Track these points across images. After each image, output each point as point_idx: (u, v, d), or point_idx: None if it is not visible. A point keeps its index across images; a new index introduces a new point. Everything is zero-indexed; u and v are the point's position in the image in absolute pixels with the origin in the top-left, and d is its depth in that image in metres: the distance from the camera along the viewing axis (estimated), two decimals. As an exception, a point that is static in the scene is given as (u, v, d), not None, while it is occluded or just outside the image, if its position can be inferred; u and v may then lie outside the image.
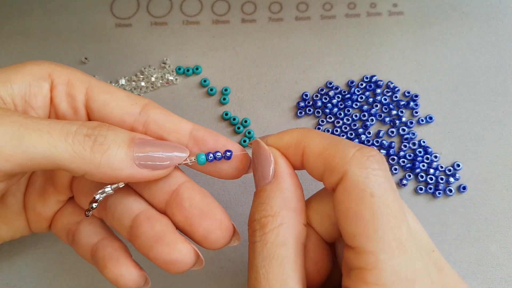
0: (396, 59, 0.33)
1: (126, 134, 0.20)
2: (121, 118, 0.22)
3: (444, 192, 0.30)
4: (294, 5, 0.35)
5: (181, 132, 0.22)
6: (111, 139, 0.20)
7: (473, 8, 0.34)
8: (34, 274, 0.29)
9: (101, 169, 0.19)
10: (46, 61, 0.23)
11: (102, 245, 0.23)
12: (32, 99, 0.22)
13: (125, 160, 0.20)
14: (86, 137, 0.19)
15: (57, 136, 0.19)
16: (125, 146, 0.20)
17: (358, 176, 0.18)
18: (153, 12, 0.36)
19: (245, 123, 0.32)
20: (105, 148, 0.19)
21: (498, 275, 0.28)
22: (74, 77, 0.23)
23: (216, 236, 0.21)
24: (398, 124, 0.31)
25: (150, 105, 0.23)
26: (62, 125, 0.19)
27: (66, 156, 0.19)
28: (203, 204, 0.22)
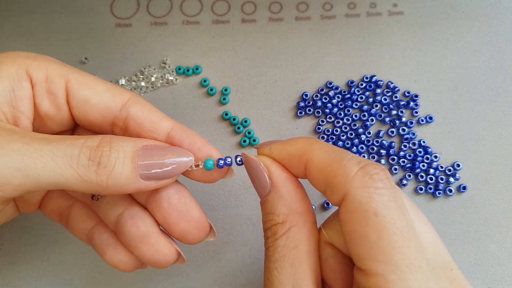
0: (396, 59, 0.33)
1: (129, 147, 0.20)
2: (102, 115, 0.22)
3: (444, 192, 0.30)
4: (294, 5, 0.35)
5: (158, 132, 0.22)
6: (115, 157, 0.19)
7: (473, 8, 0.34)
8: (34, 274, 0.29)
9: (109, 189, 0.19)
10: (19, 54, 0.22)
11: (98, 231, 0.24)
12: (18, 104, 0.21)
13: (131, 177, 0.20)
14: (90, 161, 0.19)
15: (62, 163, 0.18)
16: (129, 162, 0.20)
17: (360, 196, 0.17)
18: (153, 12, 0.36)
19: (245, 123, 0.32)
20: (110, 170, 0.19)
21: (498, 275, 0.28)
22: (52, 71, 0.22)
23: (193, 235, 0.22)
24: (398, 124, 0.31)
25: (131, 101, 0.22)
26: (64, 148, 0.19)
27: (73, 181, 0.19)
28: (180, 205, 0.22)
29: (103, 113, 0.22)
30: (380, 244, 0.16)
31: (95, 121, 0.22)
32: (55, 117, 0.22)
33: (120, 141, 0.20)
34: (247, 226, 0.30)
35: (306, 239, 0.19)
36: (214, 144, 0.31)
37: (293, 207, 0.20)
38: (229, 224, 0.30)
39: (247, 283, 0.28)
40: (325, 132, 0.31)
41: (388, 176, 0.18)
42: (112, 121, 0.22)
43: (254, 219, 0.30)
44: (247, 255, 0.29)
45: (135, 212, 0.23)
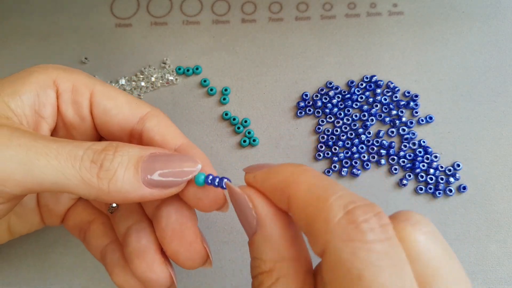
0: (396, 59, 0.33)
1: (134, 153, 0.19)
2: (120, 127, 0.23)
3: (444, 192, 0.30)
4: (294, 5, 0.35)
5: (167, 147, 0.22)
6: (118, 162, 0.19)
7: (473, 8, 0.34)
8: (34, 274, 0.29)
9: (111, 194, 0.19)
10: (51, 66, 0.23)
11: (111, 249, 0.24)
12: (41, 109, 0.22)
13: (134, 183, 0.19)
14: (92, 163, 0.18)
15: (65, 162, 0.18)
16: (132, 167, 0.19)
17: (341, 251, 0.14)
18: (153, 12, 0.36)
19: (245, 123, 0.32)
20: (111, 174, 0.18)
21: (498, 275, 0.28)
22: (79, 82, 0.23)
23: (183, 257, 0.21)
24: (398, 124, 0.31)
25: (149, 115, 0.23)
26: (69, 148, 0.18)
27: (75, 182, 0.18)
28: (176, 224, 0.21)
29: (121, 124, 0.22)
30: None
31: (114, 132, 0.23)
32: (79, 126, 0.23)
33: (127, 146, 0.20)
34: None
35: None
36: (214, 144, 0.31)
37: (282, 252, 0.17)
38: (229, 224, 0.30)
39: (247, 283, 0.28)
40: (325, 132, 0.31)
41: (383, 222, 0.14)
42: (130, 133, 0.23)
43: (254, 219, 0.30)
44: (247, 255, 0.29)
45: (143, 226, 0.23)
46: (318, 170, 0.31)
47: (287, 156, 0.31)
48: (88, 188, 0.18)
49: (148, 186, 0.19)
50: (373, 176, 0.30)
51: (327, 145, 0.31)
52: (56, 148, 0.18)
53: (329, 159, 0.31)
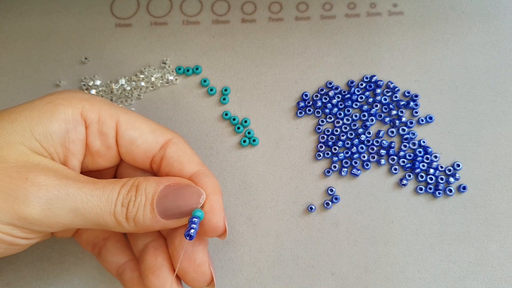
0: (396, 59, 0.33)
1: (150, 191, 0.22)
2: (144, 155, 0.25)
3: (444, 192, 0.30)
4: (294, 5, 0.35)
5: (183, 174, 0.24)
6: (138, 202, 0.22)
7: (473, 8, 0.34)
8: (34, 274, 0.29)
9: (137, 230, 0.22)
10: (74, 97, 0.23)
11: (130, 267, 0.25)
12: (71, 146, 0.23)
13: (152, 218, 0.22)
14: (122, 207, 0.22)
15: (104, 209, 0.21)
16: (149, 205, 0.22)
17: None
18: (153, 12, 0.36)
19: (245, 123, 0.32)
20: (134, 214, 0.22)
21: (498, 275, 0.28)
22: (104, 112, 0.24)
23: (191, 277, 0.23)
24: (398, 124, 0.31)
25: (170, 142, 0.25)
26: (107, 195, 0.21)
27: (112, 225, 0.22)
28: (189, 246, 0.24)
29: (146, 152, 0.25)
30: None
31: (138, 159, 0.25)
32: (105, 155, 0.24)
33: (145, 183, 0.22)
34: (247, 226, 0.30)
35: None
36: (214, 144, 0.31)
37: None
38: (229, 224, 0.30)
39: (247, 283, 0.28)
40: (325, 132, 0.31)
41: None
42: (152, 159, 0.25)
43: (254, 219, 0.30)
44: (247, 255, 0.29)
45: (160, 244, 0.25)
46: (318, 170, 0.31)
47: (287, 156, 0.31)
48: (121, 227, 0.22)
49: (164, 218, 0.22)
50: (373, 176, 0.30)
51: (327, 145, 0.31)
52: (97, 196, 0.21)
53: (329, 159, 0.31)
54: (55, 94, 0.23)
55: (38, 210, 0.20)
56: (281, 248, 0.29)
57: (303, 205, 0.30)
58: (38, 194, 0.20)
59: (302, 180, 0.31)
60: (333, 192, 0.30)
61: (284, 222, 0.30)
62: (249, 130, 0.31)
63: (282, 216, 0.30)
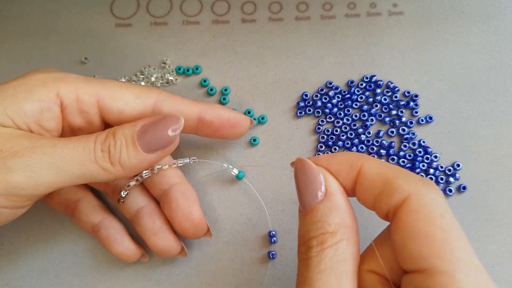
0: (396, 59, 0.33)
1: (128, 132, 0.22)
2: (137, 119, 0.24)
3: (444, 192, 0.30)
4: (294, 5, 0.35)
5: (190, 119, 0.26)
6: (119, 144, 0.22)
7: (473, 8, 0.34)
8: (34, 274, 0.29)
9: (126, 172, 0.22)
10: (49, 77, 0.23)
11: (104, 226, 0.27)
12: (45, 123, 0.23)
13: (138, 155, 0.22)
14: (103, 152, 0.22)
15: (84, 158, 0.21)
16: (131, 144, 0.22)
17: (426, 197, 0.18)
18: (153, 12, 0.36)
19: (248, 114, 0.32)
20: (118, 156, 0.22)
21: (498, 275, 0.28)
22: (81, 91, 0.24)
23: (191, 233, 0.26)
24: (398, 124, 0.31)
25: (159, 100, 0.25)
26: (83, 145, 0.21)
27: (97, 172, 0.22)
28: (185, 207, 0.26)
29: (138, 118, 0.25)
30: (448, 243, 0.17)
31: None
32: (87, 129, 0.25)
33: (121, 129, 0.22)
34: (247, 226, 0.30)
35: (354, 255, 0.19)
36: (214, 144, 0.32)
37: (346, 221, 0.20)
38: (229, 224, 0.30)
39: (247, 283, 0.28)
40: (325, 132, 0.31)
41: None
42: None
43: (254, 219, 0.30)
44: (247, 255, 0.29)
45: (152, 208, 0.27)
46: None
47: (287, 156, 0.31)
48: (108, 173, 0.22)
49: (149, 152, 0.22)
50: (373, 176, 0.30)
51: (327, 145, 0.31)
52: (73, 147, 0.21)
53: (329, 159, 0.31)
54: (29, 75, 0.23)
55: (20, 175, 0.20)
56: (281, 248, 0.29)
57: (303, 205, 0.30)
58: (15, 160, 0.20)
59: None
60: None
61: (284, 222, 0.30)
62: (248, 110, 0.32)
63: (282, 216, 0.30)
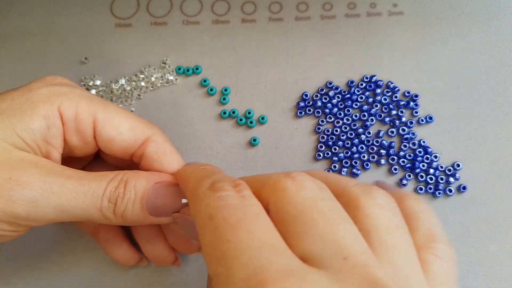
0: (396, 59, 0.33)
1: (140, 187, 0.22)
2: (123, 151, 0.25)
3: (444, 192, 0.30)
4: (294, 5, 0.35)
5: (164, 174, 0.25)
6: (127, 199, 0.22)
7: (473, 8, 0.34)
8: (34, 274, 0.29)
9: (125, 224, 0.23)
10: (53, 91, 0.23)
11: (105, 229, 0.27)
12: (52, 140, 0.23)
13: (141, 215, 0.23)
14: (110, 203, 0.22)
15: (90, 204, 0.21)
16: (138, 203, 0.22)
17: (201, 206, 0.17)
18: (153, 12, 0.36)
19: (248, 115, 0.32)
20: (123, 210, 0.22)
21: (498, 275, 0.28)
22: (81, 109, 0.24)
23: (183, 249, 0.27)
24: (398, 124, 0.31)
25: (150, 140, 0.25)
26: (92, 190, 0.22)
27: (98, 218, 0.22)
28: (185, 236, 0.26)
29: (125, 150, 0.25)
30: (214, 245, 0.15)
31: (118, 155, 0.25)
32: (83, 149, 0.25)
33: (133, 180, 0.23)
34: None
35: None
36: (214, 144, 0.31)
37: None
38: (229, 224, 0.30)
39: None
40: (325, 132, 0.31)
41: (239, 188, 0.17)
42: (132, 155, 0.25)
43: (254, 219, 0.30)
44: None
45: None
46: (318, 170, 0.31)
47: (287, 156, 0.31)
48: (106, 220, 0.22)
49: (154, 216, 0.23)
50: (373, 176, 0.30)
51: (327, 145, 0.31)
52: (82, 192, 0.21)
53: (329, 159, 0.31)
54: (33, 89, 0.23)
55: (23, 209, 0.20)
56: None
57: (303, 205, 0.30)
58: (22, 193, 0.20)
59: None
60: None
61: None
62: (249, 110, 0.32)
63: (282, 216, 0.30)
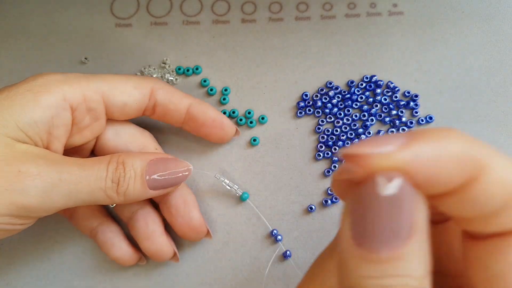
0: (396, 59, 0.33)
1: (138, 166, 0.24)
2: (138, 110, 0.27)
3: (444, 192, 0.29)
4: (294, 5, 0.35)
5: (180, 111, 0.27)
6: (128, 177, 0.23)
7: (473, 8, 0.34)
8: (34, 274, 0.29)
9: (127, 201, 0.24)
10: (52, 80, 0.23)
11: (102, 230, 0.27)
12: (54, 130, 0.23)
13: (142, 190, 0.24)
14: (113, 183, 0.23)
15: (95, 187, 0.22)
16: (139, 179, 0.24)
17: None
18: (153, 12, 0.36)
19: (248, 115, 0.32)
20: (125, 188, 0.23)
21: (498, 275, 0.28)
22: (87, 90, 0.24)
23: (192, 237, 0.27)
24: (398, 124, 0.31)
25: (155, 89, 0.27)
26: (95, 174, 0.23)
27: (103, 200, 0.23)
28: (185, 213, 0.27)
29: (139, 107, 0.27)
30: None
31: (132, 115, 0.27)
32: (93, 126, 0.26)
33: (131, 159, 0.24)
34: (247, 226, 0.30)
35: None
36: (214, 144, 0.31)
37: (428, 265, 0.12)
38: (229, 224, 0.30)
39: (247, 283, 0.29)
40: (325, 132, 0.31)
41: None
42: (144, 111, 0.27)
43: (254, 219, 0.30)
44: (247, 255, 0.29)
45: (147, 212, 0.27)
46: (318, 170, 0.31)
47: (287, 156, 0.31)
48: (110, 200, 0.23)
49: (153, 189, 0.24)
50: (373, 176, 0.30)
51: (327, 145, 0.31)
52: (86, 176, 0.22)
53: (329, 159, 0.31)
54: (31, 81, 0.23)
55: (36, 199, 0.21)
56: (280, 249, 0.29)
57: (303, 205, 0.30)
58: (35, 184, 0.21)
59: (302, 180, 0.31)
60: (333, 191, 0.30)
61: (284, 222, 0.30)
62: (249, 110, 0.32)
63: (282, 216, 0.30)
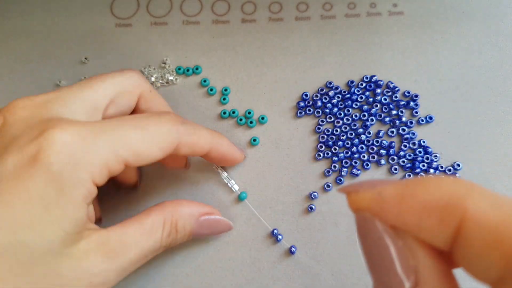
0: (396, 59, 0.33)
1: (188, 227, 0.26)
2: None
3: (444, 192, 0.29)
4: (294, 5, 0.35)
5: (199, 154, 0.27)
6: (180, 238, 0.26)
7: (473, 8, 0.34)
8: (34, 274, 0.29)
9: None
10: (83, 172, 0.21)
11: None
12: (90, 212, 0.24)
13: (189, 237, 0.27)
14: (166, 246, 0.26)
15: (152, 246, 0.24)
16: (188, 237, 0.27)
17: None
18: (153, 12, 0.36)
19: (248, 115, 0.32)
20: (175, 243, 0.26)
21: (498, 275, 0.28)
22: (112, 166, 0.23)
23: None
24: (398, 124, 0.31)
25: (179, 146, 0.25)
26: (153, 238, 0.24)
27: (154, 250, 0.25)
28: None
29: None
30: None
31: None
32: None
33: (182, 221, 0.26)
34: (247, 226, 0.30)
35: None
36: (214, 144, 0.31)
37: None
38: (229, 224, 0.30)
39: (247, 283, 0.28)
40: (325, 132, 0.31)
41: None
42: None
43: (254, 219, 0.30)
44: (247, 255, 0.29)
45: None
46: (318, 170, 0.31)
47: (287, 156, 0.31)
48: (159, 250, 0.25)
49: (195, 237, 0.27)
50: (373, 176, 0.30)
51: (327, 145, 0.31)
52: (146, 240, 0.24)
53: (329, 159, 0.31)
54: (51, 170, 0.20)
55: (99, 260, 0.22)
56: (281, 248, 0.29)
57: (303, 205, 0.30)
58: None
59: (302, 180, 0.31)
60: (329, 187, 0.30)
61: (284, 222, 0.30)
62: (249, 110, 0.32)
63: (282, 216, 0.30)
